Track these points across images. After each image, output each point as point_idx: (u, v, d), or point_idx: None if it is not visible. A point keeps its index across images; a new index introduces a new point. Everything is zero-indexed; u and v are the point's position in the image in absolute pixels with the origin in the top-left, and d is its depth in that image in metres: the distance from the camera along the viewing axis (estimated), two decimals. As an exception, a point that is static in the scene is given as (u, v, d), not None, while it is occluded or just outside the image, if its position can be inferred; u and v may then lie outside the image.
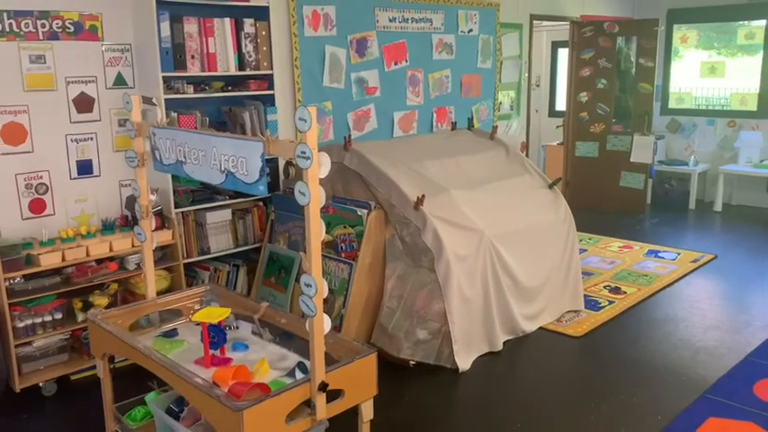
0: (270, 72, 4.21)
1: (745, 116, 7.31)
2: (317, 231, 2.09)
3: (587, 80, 7.21)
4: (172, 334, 2.87)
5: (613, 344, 3.89)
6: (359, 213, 3.79)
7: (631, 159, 7.05)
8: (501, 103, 6.38)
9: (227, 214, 4.18)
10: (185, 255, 3.94)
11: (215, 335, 2.58)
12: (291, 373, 2.46)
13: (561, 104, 8.80)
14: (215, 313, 2.59)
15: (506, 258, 3.81)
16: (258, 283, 4.29)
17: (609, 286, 4.85)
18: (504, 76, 6.33)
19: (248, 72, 4.12)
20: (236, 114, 4.19)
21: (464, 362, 3.59)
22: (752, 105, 7.27)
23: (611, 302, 4.51)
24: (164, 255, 3.79)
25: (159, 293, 3.19)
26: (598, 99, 7.17)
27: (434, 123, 5.74)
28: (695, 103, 7.80)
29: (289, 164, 2.08)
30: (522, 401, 3.28)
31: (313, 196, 2.05)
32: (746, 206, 7.30)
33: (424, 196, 3.58)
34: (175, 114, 3.77)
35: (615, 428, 2.98)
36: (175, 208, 3.86)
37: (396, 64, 5.32)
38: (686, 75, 7.78)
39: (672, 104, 7.88)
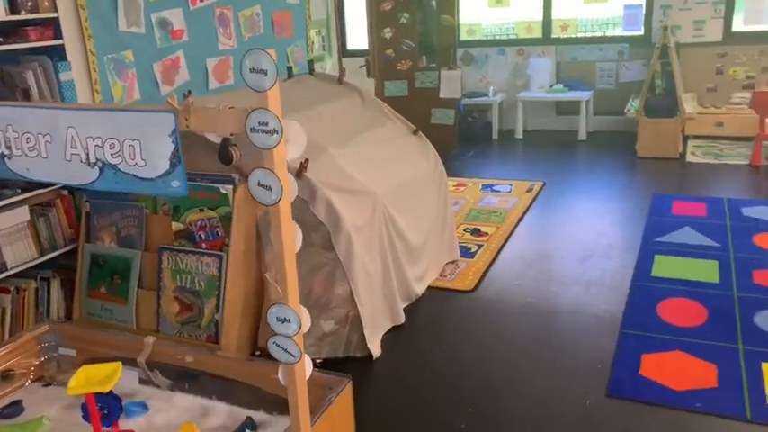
0: (54, 15, 3.10)
1: (532, 44, 7.60)
2: (291, 243, 1.40)
3: (389, 15, 6.86)
4: (14, 412, 1.93)
5: (507, 292, 3.69)
6: (222, 191, 2.99)
7: (441, 95, 6.95)
8: (313, 42, 5.74)
9: (23, 213, 3.08)
10: (-29, 279, 2.81)
11: (105, 406, 1.74)
12: (239, 437, 1.76)
13: (354, 43, 8.41)
14: (99, 374, 1.74)
15: (397, 220, 3.34)
16: (81, 298, 3.27)
17: (468, 229, 4.68)
18: (312, 13, 5.68)
19: (24, 16, 2.97)
20: (12, 76, 3.05)
21: (376, 346, 3.10)
22: (537, 33, 7.58)
23: (480, 246, 4.33)
24: (-58, 287, 2.63)
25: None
26: (402, 34, 6.89)
27: (251, 71, 4.93)
28: (484, 33, 7.94)
29: (228, 143, 1.33)
30: (452, 381, 2.91)
31: (284, 190, 1.35)
32: (541, 130, 7.71)
33: (307, 161, 2.92)
34: (-75, 81, 2.56)
35: (567, 389, 2.77)
36: (-53, 217, 2.70)
37: (201, 0, 4.38)
38: (474, 6, 7.84)
39: (463, 36, 7.92)
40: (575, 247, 4.26)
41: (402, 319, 3.36)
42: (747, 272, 3.68)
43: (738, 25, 6.77)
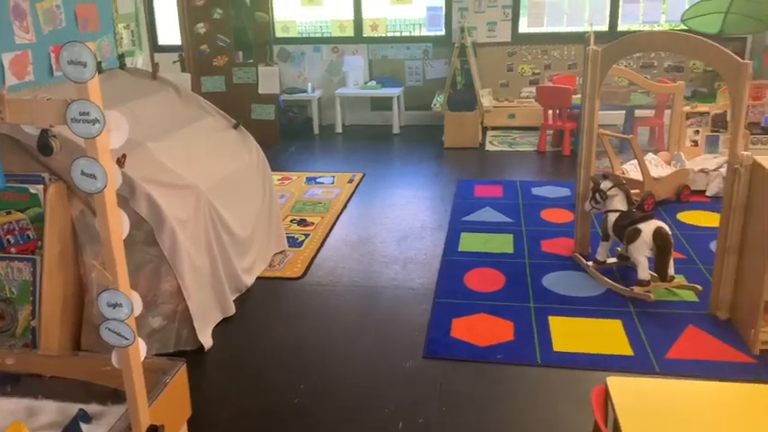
0: None
1: (345, 42, 7.93)
2: (118, 229, 1.47)
3: (202, 10, 6.77)
4: None
5: (333, 275, 3.91)
6: (32, 191, 2.85)
7: (260, 91, 7.01)
8: (122, 37, 5.52)
9: None
10: None
11: None
12: (73, 429, 1.76)
13: (166, 38, 8.17)
14: None
15: (222, 213, 3.41)
16: None
17: (295, 220, 4.84)
18: (119, 6, 5.46)
19: None
20: None
21: (207, 339, 3.15)
22: (350, 31, 7.92)
23: (306, 235, 4.51)
24: None
25: None
26: (217, 30, 6.84)
27: (53, 66, 4.64)
28: (299, 31, 8.12)
29: (47, 134, 1.37)
30: (285, 362, 3.06)
31: (109, 178, 1.41)
32: (359, 125, 8.08)
33: (125, 156, 2.88)
34: None
35: (389, 355, 3.04)
36: None
37: (-9, -10, 4.05)
38: (288, 3, 7.98)
39: (279, 33, 8.04)
40: (393, 230, 4.60)
41: (232, 310, 3.44)
42: (537, 242, 4.25)
43: (524, 27, 7.64)
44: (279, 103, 7.25)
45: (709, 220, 4.50)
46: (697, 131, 5.30)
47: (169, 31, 7.97)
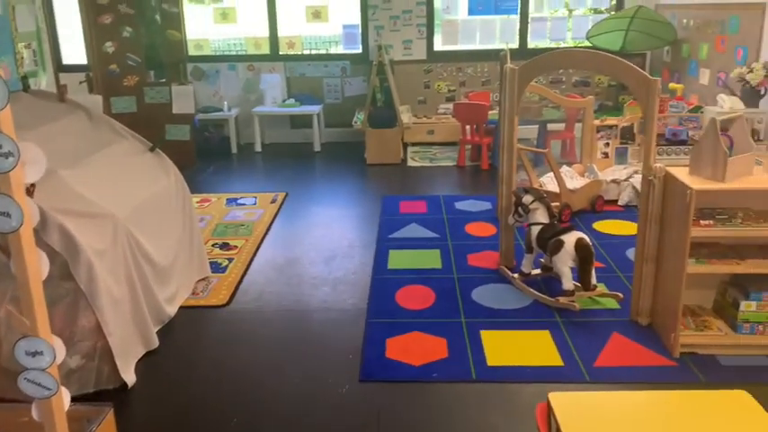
0: None
1: (261, 59, 7.82)
2: (36, 270, 1.35)
3: (110, 28, 6.48)
4: None
5: (261, 300, 3.81)
6: (-73, 227, 2.61)
7: (174, 111, 6.78)
8: (22, 57, 5.21)
9: None
10: None
11: None
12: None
13: (72, 57, 7.79)
14: None
15: (141, 241, 3.24)
16: None
17: (217, 244, 4.69)
18: (19, 24, 5.16)
19: None
20: None
21: (129, 375, 2.97)
22: (265, 49, 7.82)
23: (230, 260, 4.38)
24: None
25: None
26: (126, 49, 6.57)
27: (-54, 88, 4.31)
28: (213, 49, 7.94)
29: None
30: (215, 395, 2.93)
31: (25, 216, 1.30)
32: (279, 143, 7.96)
33: (34, 185, 2.68)
34: None
35: (324, 382, 2.97)
36: None
37: None
38: (200, 21, 7.80)
39: (192, 51, 7.83)
40: (320, 250, 4.53)
41: (156, 343, 3.27)
42: (463, 256, 4.31)
43: (438, 45, 7.79)
44: (194, 123, 7.04)
45: (623, 228, 4.71)
46: (607, 144, 5.55)
47: (74, 51, 7.60)
